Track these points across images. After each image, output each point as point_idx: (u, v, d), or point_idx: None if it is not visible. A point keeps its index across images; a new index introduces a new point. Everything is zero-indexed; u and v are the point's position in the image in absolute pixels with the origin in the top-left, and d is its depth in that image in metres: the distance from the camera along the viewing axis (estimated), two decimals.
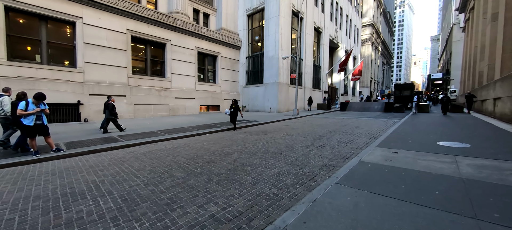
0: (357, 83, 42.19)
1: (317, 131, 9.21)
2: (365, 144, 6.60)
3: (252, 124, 11.66)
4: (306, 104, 23.47)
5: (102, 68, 13.18)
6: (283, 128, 10.37)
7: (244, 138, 7.89)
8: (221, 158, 5.34)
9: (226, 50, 20.87)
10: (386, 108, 20.03)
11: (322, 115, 17.94)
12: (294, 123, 12.63)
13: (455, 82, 38.93)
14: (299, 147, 6.37)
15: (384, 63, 70.50)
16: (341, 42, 32.08)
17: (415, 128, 8.89)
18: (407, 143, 6.06)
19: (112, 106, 9.00)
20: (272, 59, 19.12)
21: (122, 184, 3.73)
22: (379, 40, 56.91)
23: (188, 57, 17.80)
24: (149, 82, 15.55)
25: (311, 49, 23.67)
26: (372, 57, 51.03)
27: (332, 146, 6.46)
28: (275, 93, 19.01)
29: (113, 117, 9.01)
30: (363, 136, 7.91)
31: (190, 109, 17.99)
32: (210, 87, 19.70)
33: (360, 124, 11.29)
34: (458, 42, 38.54)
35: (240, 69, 22.39)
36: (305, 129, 10.01)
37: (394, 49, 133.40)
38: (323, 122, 12.83)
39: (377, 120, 12.97)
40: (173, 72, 16.86)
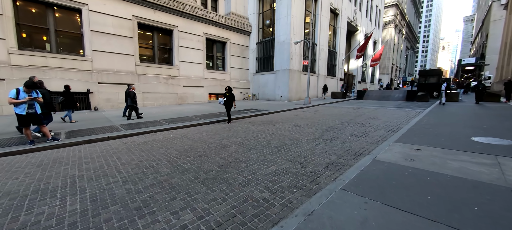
0: (377, 70, 39.50)
1: (328, 122, 8.42)
2: (382, 138, 5.78)
3: (259, 113, 11.08)
4: (320, 93, 22.31)
5: (109, 56, 13.13)
6: (291, 118, 9.69)
7: (247, 129, 7.36)
8: (216, 151, 4.87)
9: (235, 36, 20.07)
10: (408, 97, 18.35)
11: (336, 104, 16.84)
12: (305, 112, 11.85)
13: (490, 68, 34.93)
14: (305, 140, 5.71)
15: (408, 47, 65.33)
16: (360, 25, 29.73)
17: (443, 119, 7.78)
18: (433, 138, 5.17)
19: (134, 95, 9.26)
20: (283, 44, 18.05)
21: (100, 181, 3.39)
22: (403, 22, 52.35)
23: (196, 44, 17.32)
24: (157, 70, 15.39)
25: (326, 33, 22.09)
26: (394, 41, 47.26)
27: (343, 139, 5.72)
28: (286, 81, 18.10)
29: (134, 104, 9.25)
30: (380, 128, 7.03)
31: (199, 97, 17.74)
32: (219, 75, 19.23)
33: (378, 114, 10.26)
34: (497, 22, 34.07)
35: (250, 56, 21.57)
36: (315, 119, 9.24)
37: (420, 32, 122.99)
38: (336, 111, 11.90)
39: (397, 110, 11.77)
40: (181, 59, 16.53)
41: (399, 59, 55.62)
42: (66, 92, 8.40)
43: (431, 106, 12.08)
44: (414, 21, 67.77)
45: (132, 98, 9.18)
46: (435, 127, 6.52)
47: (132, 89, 9.48)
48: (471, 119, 7.85)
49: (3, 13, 10.14)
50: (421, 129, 6.23)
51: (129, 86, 9.60)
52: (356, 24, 28.49)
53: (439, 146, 4.52)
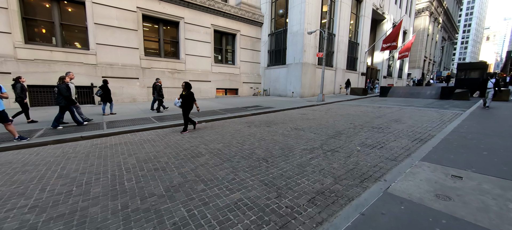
0: (406, 63, 35.61)
1: (338, 125, 7.04)
2: (404, 151, 4.36)
3: (261, 112, 9.97)
4: (337, 89, 20.39)
5: (114, 49, 12.90)
6: (296, 118, 8.44)
7: (237, 131, 6.34)
8: (182, 162, 3.93)
9: (246, 28, 18.94)
10: (442, 94, 15.77)
11: (355, 101, 15.01)
12: (314, 111, 10.46)
13: None
14: (300, 150, 4.53)
15: (445, 38, 58.38)
16: (388, 12, 26.65)
17: (491, 126, 5.97)
18: (480, 156, 3.66)
19: (159, 88, 9.67)
20: (297, 35, 16.51)
21: (3, 206, 2.63)
22: (440, 9, 46.53)
23: (204, 37, 16.56)
24: (162, 64, 14.96)
25: (346, 22, 19.92)
26: (428, 31, 42.25)
27: (350, 151, 4.42)
28: (298, 75, 16.61)
29: (160, 97, 9.69)
30: (402, 136, 5.53)
31: (206, 92, 17.09)
32: (227, 69, 18.35)
33: (403, 116, 8.54)
34: None
35: (261, 49, 20.33)
36: (323, 121, 7.88)
37: (460, 21, 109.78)
38: (352, 111, 10.32)
39: (428, 111, 9.83)
40: (187, 53, 15.92)
41: (433, 51, 49.90)
42: (103, 86, 8.72)
43: (473, 107, 9.88)
44: (453, 9, 60.14)
45: (158, 91, 9.59)
46: (481, 137, 4.87)
47: (159, 83, 9.82)
48: None
49: (9, 7, 10.21)
50: (461, 140, 4.65)
51: (157, 80, 10.05)
52: (383, 11, 25.53)
53: (491, 171, 3.06)
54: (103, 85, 8.77)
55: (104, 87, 8.72)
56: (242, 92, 19.34)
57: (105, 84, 8.79)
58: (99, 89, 8.69)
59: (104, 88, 8.71)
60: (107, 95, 8.78)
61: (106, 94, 8.75)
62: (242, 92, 19.34)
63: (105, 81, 8.88)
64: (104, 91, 8.70)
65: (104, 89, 8.70)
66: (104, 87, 8.72)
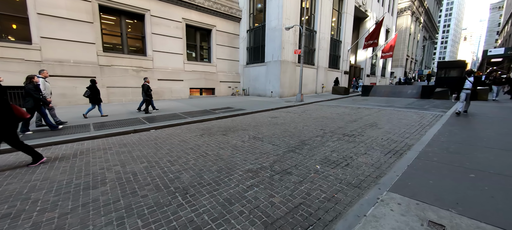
0: (389, 62, 35.84)
1: (306, 132, 6.08)
2: (373, 171, 3.43)
3: (230, 115, 8.86)
4: (320, 87, 19.67)
5: (63, 44, 11.24)
6: (262, 123, 7.41)
7: (183, 142, 5.20)
8: (63, 199, 2.75)
9: (222, 23, 17.70)
10: (423, 93, 15.45)
11: (335, 101, 14.27)
12: (288, 114, 9.50)
13: None
14: (243, 171, 3.47)
15: (426, 38, 60.03)
16: (370, 10, 26.35)
17: (475, 133, 5.24)
18: (466, 180, 2.78)
19: (147, 88, 9.10)
20: (275, 31, 15.51)
21: None
22: (421, 9, 47.51)
23: (174, 32, 15.15)
24: (125, 61, 13.43)
25: (328, 19, 19.20)
26: (410, 30, 42.90)
27: (306, 172, 3.43)
28: (277, 74, 15.65)
29: (148, 97, 9.15)
30: (375, 147, 4.64)
31: (178, 92, 15.71)
32: (203, 67, 17.05)
33: (381, 119, 7.76)
34: None
35: (240, 46, 19.17)
36: (292, 126, 6.91)
37: (440, 21, 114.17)
38: (328, 112, 9.46)
39: (408, 112, 9.16)
40: (156, 49, 14.46)
41: (415, 50, 51.01)
42: (91, 86, 8.09)
43: (454, 108, 9.33)
44: (433, 9, 61.97)
45: (146, 91, 9.06)
46: (465, 149, 4.05)
47: (147, 82, 9.31)
48: None
49: None
50: (442, 154, 3.79)
51: (145, 79, 9.45)
52: (365, 9, 25.17)
53: (484, 211, 2.15)
54: (91, 85, 8.10)
55: (92, 88, 8.06)
56: (220, 92, 18.12)
57: (93, 84, 8.12)
58: (87, 90, 8.03)
59: (91, 89, 8.04)
60: (95, 96, 8.12)
61: (94, 95, 8.08)
62: (220, 92, 18.13)
63: (93, 81, 8.21)
64: (92, 92, 8.03)
65: (91, 89, 8.03)
66: (92, 88, 8.06)
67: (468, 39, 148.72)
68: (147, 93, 9.15)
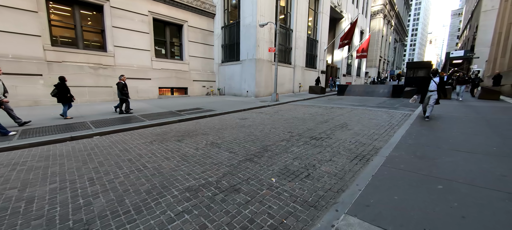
0: (363, 62, 37.21)
1: (271, 135, 5.56)
2: (334, 185, 2.96)
3: (195, 117, 8.08)
4: (297, 87, 19.51)
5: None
6: (228, 126, 6.77)
7: (124, 151, 4.37)
8: None
9: (194, 18, 16.68)
10: (394, 92, 15.93)
11: (311, 101, 14.09)
12: (260, 114, 8.96)
13: (479, 61, 33.43)
14: (180, 190, 2.81)
15: (397, 40, 63.73)
16: (346, 12, 26.93)
17: (441, 131, 5.10)
18: (434, 194, 2.39)
19: (123, 86, 8.33)
20: (249, 28, 14.93)
21: None
22: (392, 13, 50.19)
23: (139, 26, 13.86)
24: (81, 57, 11.92)
25: (304, 18, 19.08)
26: (383, 32, 45.08)
27: (257, 189, 2.85)
28: (252, 73, 15.10)
29: (124, 97, 8.40)
30: (342, 152, 4.23)
31: (145, 92, 14.44)
32: (173, 65, 15.91)
33: (352, 119, 7.53)
34: (488, 13, 32.30)
35: (215, 43, 18.29)
36: (259, 129, 6.36)
37: (409, 25, 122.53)
38: (301, 113, 9.10)
39: (379, 111, 9.13)
40: (118, 44, 13.08)
41: (387, 51, 53.84)
42: (60, 84, 7.32)
43: (421, 107, 9.49)
44: (403, 13, 66.03)
45: (121, 90, 8.29)
46: (432, 153, 3.78)
47: (122, 80, 8.49)
48: (482, 127, 5.21)
49: None
50: (409, 160, 3.46)
51: (120, 77, 8.59)
52: (341, 10, 25.65)
53: (456, 218, 1.73)
54: (59, 83, 7.33)
55: (60, 86, 7.30)
56: (193, 91, 17.10)
57: (62, 82, 7.37)
58: (54, 89, 7.28)
59: (60, 87, 7.29)
60: (65, 95, 7.36)
61: (63, 94, 7.32)
62: (193, 92, 17.11)
63: (62, 79, 7.43)
64: (60, 91, 7.28)
65: (60, 88, 7.28)
66: (61, 86, 7.31)
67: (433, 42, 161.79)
68: (123, 92, 8.40)
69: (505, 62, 17.04)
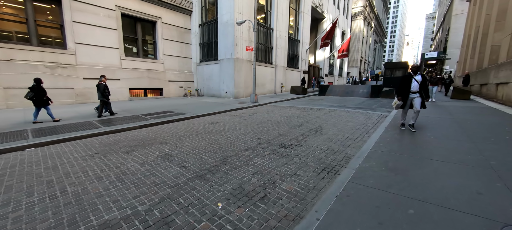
0: (345, 62, 37.94)
1: (239, 142, 5.02)
2: (293, 208, 2.46)
3: (161, 121, 7.32)
4: (279, 87, 19.16)
5: None
6: (194, 132, 6.13)
7: (55, 167, 3.60)
8: None
9: (169, 15, 15.72)
10: (373, 92, 16.08)
11: (291, 101, 13.76)
12: (233, 117, 8.39)
13: (450, 62, 35.38)
14: (93, 226, 2.15)
15: (377, 41, 66.09)
16: (327, 12, 27.10)
17: (413, 135, 4.85)
18: (403, 215, 1.96)
19: (104, 88, 8.00)
20: (227, 26, 14.29)
21: None
22: (372, 15, 51.85)
23: (105, 21, 12.70)
24: (34, 55, 10.60)
25: (285, 17, 18.78)
26: (363, 33, 46.36)
27: (195, 220, 2.28)
28: (231, 73, 14.48)
29: (105, 99, 8.04)
30: (311, 162, 3.78)
31: (113, 94, 13.11)
32: (146, 65, 14.85)
33: (328, 122, 7.19)
34: (458, 17, 34.26)
35: (192, 42, 17.42)
36: (226, 135, 5.79)
37: (388, 27, 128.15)
38: (277, 115, 8.65)
39: (356, 113, 8.92)
40: (79, 41, 11.86)
41: (367, 52, 55.55)
42: (36, 86, 6.86)
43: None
44: (382, 16, 68.61)
45: (102, 91, 7.95)
46: (405, 162, 3.44)
47: (103, 81, 8.13)
48: (458, 133, 5.04)
49: None
50: (380, 171, 3.08)
51: (101, 77, 8.25)
52: (322, 10, 25.75)
53: None
54: (34, 85, 6.83)
55: (36, 89, 6.82)
56: (169, 92, 16.12)
57: (38, 85, 6.88)
58: (29, 91, 6.76)
59: (36, 90, 6.82)
60: (40, 98, 6.92)
61: (39, 97, 6.90)
62: (169, 93, 16.13)
63: (38, 81, 6.93)
64: (36, 93, 6.84)
65: (36, 90, 6.81)
66: (37, 89, 6.83)
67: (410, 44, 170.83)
68: (104, 94, 7.96)
69: (474, 63, 17.89)
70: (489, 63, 13.71)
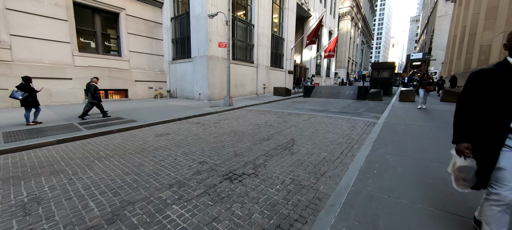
0: (333, 63, 37.28)
1: (169, 170, 3.53)
2: None
3: (95, 133, 5.67)
4: (261, 88, 17.78)
5: None
6: (120, 151, 4.57)
7: None
8: None
9: (135, 6, 13.90)
10: (359, 94, 15.07)
11: (270, 105, 12.40)
12: (192, 127, 6.86)
13: (435, 63, 35.59)
14: None
15: (364, 42, 66.53)
16: (313, 10, 26.09)
17: (409, 153, 3.57)
18: None
19: (94, 89, 7.38)
20: (199, 19, 12.72)
21: None
22: (359, 16, 51.82)
23: (51, 10, 10.75)
24: None
25: (267, 13, 17.43)
26: (351, 34, 46.07)
27: None
28: (204, 72, 12.91)
29: (96, 100, 7.42)
30: (258, 213, 2.36)
31: (63, 96, 11.33)
32: (107, 62, 12.96)
33: (304, 132, 5.84)
34: (442, 18, 34.50)
35: (164, 37, 15.67)
36: (162, 156, 4.29)
37: (375, 29, 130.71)
38: (247, 124, 7.22)
39: (340, 120, 7.67)
40: (16, 33, 9.88)
41: (355, 53, 55.55)
42: (26, 86, 6.11)
43: (386, 112, 8.31)
44: (369, 17, 69.22)
45: (93, 93, 7.34)
46: (409, 220, 2.09)
47: (94, 82, 7.52)
48: None
49: None
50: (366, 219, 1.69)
51: (91, 79, 7.61)
52: (308, 8, 24.68)
53: None
54: (23, 84, 6.12)
55: (26, 88, 6.11)
56: (136, 94, 14.29)
57: (27, 84, 6.18)
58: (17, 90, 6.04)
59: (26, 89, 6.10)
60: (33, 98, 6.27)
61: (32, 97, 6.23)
62: (136, 95, 14.29)
63: (27, 79, 6.25)
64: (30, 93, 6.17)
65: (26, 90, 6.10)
66: (26, 88, 6.12)
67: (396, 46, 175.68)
68: (94, 96, 7.37)
69: (461, 64, 17.39)
70: (478, 64, 13.04)
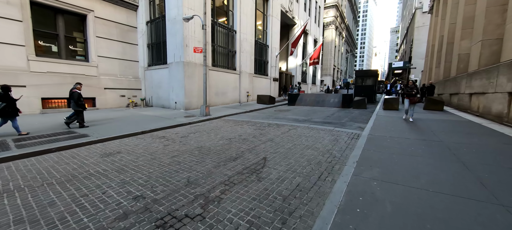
0: (318, 70, 37.56)
1: (124, 193, 2.62)
2: None
3: (26, 152, 4.59)
4: (244, 96, 17.05)
5: None
6: (71, 172, 3.56)
7: None
8: None
9: (106, 8, 12.83)
10: (344, 102, 14.76)
11: (252, 114, 11.67)
12: (154, 142, 5.92)
13: (415, 71, 36.91)
14: None
15: (348, 51, 68.45)
16: (298, 18, 26.12)
17: (399, 179, 2.92)
18: None
19: (78, 96, 7.06)
20: (175, 23, 11.89)
21: None
22: (343, 25, 53.29)
23: (2, 9, 9.48)
24: None
25: (250, 19, 16.95)
26: (336, 43, 47.05)
27: None
28: (181, 79, 11.99)
29: (80, 108, 7.14)
30: None
31: None
32: (71, 68, 11.68)
33: (280, 149, 5.11)
34: (420, 29, 36.10)
35: (139, 42, 14.62)
36: (91, 187, 3.35)
37: (358, 39, 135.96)
38: (218, 137, 6.39)
39: (322, 132, 7.05)
40: None
41: (340, 61, 56.79)
42: (5, 95, 5.72)
43: (371, 122, 7.83)
44: (352, 27, 71.67)
45: (77, 100, 6.99)
46: None
47: (77, 89, 7.15)
48: (468, 180, 3.26)
49: None
50: None
51: (75, 84, 7.22)
52: (293, 16, 24.64)
53: None
54: (4, 94, 5.66)
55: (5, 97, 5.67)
56: (105, 103, 13.00)
57: (5, 92, 5.69)
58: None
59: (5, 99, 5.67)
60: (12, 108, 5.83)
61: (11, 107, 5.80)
62: (105, 103, 13.01)
63: (6, 88, 5.70)
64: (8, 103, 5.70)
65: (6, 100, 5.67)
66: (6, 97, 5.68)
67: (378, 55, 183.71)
68: (78, 104, 7.11)
69: (440, 72, 17.75)
70: (458, 72, 13.18)
